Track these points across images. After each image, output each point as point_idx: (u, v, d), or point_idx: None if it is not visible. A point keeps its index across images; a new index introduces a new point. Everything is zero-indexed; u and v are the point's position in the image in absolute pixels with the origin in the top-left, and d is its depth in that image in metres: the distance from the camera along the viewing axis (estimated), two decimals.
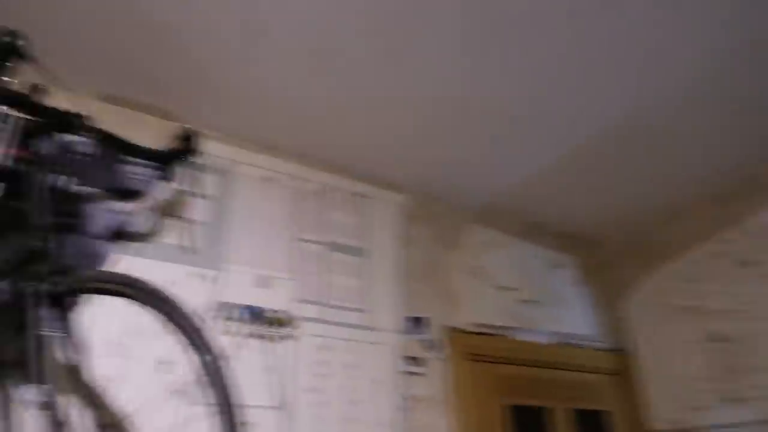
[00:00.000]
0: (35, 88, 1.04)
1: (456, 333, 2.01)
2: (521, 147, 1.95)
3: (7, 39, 0.84)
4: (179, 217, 1.59)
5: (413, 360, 1.86)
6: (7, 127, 1.00)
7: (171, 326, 1.02)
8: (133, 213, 1.48)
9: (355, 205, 1.99)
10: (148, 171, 1.58)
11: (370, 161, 2.00)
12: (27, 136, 1.09)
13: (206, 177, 1.67)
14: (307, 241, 1.82)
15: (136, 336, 1.37)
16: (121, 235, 1.48)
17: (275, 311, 1.62)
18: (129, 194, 1.51)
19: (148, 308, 1.03)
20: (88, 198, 1.47)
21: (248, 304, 1.59)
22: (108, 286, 1.08)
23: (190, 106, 1.67)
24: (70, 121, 1.10)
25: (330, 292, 1.78)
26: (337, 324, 1.74)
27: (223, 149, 1.74)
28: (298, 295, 1.71)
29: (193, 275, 1.55)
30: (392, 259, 1.99)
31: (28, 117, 1.05)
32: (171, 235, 1.56)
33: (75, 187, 1.45)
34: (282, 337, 1.61)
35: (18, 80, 0.89)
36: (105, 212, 1.48)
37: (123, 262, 1.46)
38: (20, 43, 0.86)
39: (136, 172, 1.57)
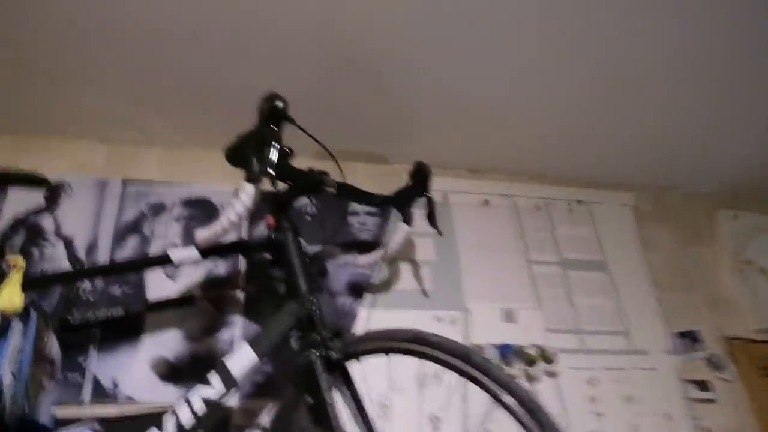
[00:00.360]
0: (286, 152, 1.02)
1: (740, 344, 1.64)
2: None
3: (278, 104, 0.81)
4: (413, 261, 1.52)
5: (697, 384, 1.54)
6: (270, 198, 0.99)
7: (466, 375, 0.88)
8: (369, 264, 1.43)
9: (580, 215, 1.77)
10: (380, 219, 1.55)
11: (588, 163, 1.77)
12: (280, 202, 1.08)
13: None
14: (538, 262, 1.63)
15: (402, 393, 1.29)
16: (361, 288, 1.45)
17: (529, 346, 1.45)
18: (363, 246, 1.48)
19: (435, 362, 0.91)
20: (328, 256, 1.47)
21: (499, 342, 1.44)
22: (382, 344, 0.99)
23: (397, 145, 1.62)
24: (317, 181, 1.07)
25: (580, 317, 1.57)
26: (599, 352, 1.51)
27: (438, 182, 1.65)
28: (548, 325, 1.51)
29: (437, 319, 1.44)
30: (636, 268, 1.71)
31: (283, 183, 1.05)
32: (408, 281, 1.49)
33: (315, 247, 1.46)
34: (543, 375, 1.43)
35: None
36: (343, 268, 1.47)
37: (366, 315, 1.41)
38: (283, 105, 0.83)
39: (366, 222, 1.54)
